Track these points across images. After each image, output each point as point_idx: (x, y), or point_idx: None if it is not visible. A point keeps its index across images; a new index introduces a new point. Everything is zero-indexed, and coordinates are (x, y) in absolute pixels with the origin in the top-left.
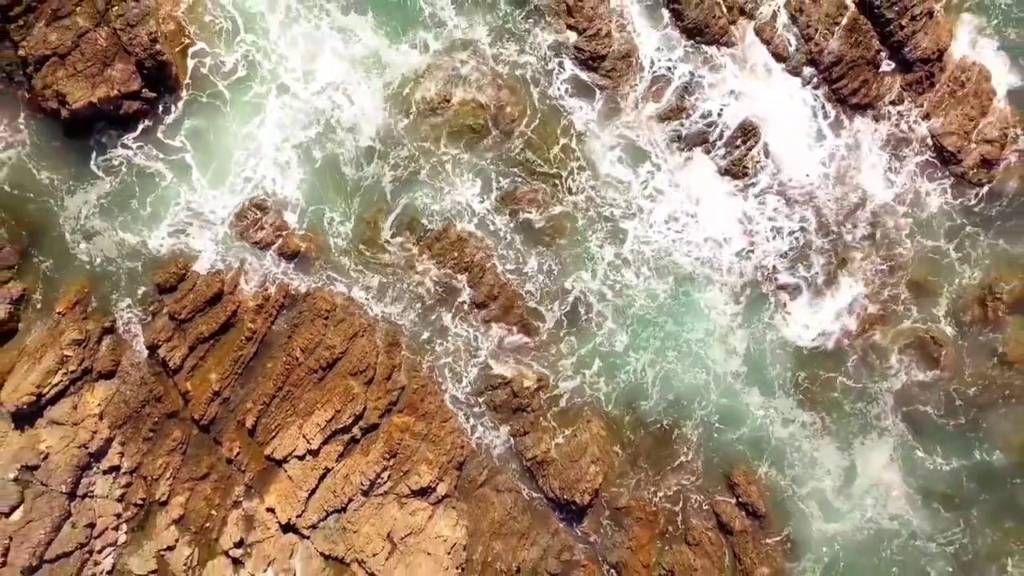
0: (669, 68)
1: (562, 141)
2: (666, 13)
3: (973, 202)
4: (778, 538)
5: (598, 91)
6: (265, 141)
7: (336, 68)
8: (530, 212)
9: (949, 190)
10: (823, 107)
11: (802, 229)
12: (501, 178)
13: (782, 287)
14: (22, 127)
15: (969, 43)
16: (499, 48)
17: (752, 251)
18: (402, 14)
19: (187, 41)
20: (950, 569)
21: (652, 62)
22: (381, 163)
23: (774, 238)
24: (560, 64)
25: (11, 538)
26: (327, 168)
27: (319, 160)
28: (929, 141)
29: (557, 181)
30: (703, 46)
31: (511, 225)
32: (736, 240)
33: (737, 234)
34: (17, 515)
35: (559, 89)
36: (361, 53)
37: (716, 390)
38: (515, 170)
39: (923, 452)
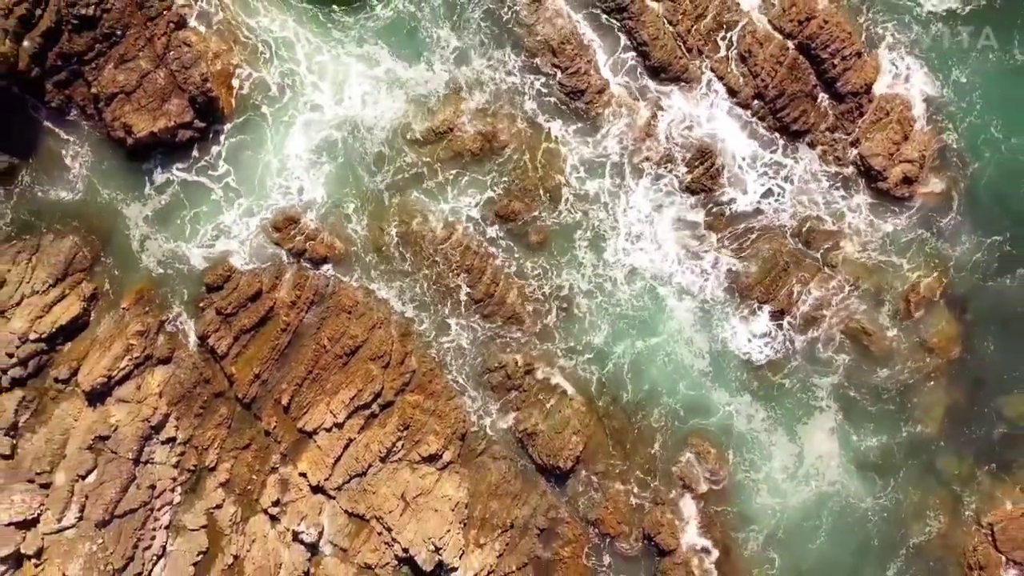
0: (637, 99)
1: (547, 161)
2: (634, 54)
3: (913, 215)
4: (728, 507)
5: (578, 119)
6: (298, 158)
7: (361, 85)
8: (523, 221)
9: (891, 205)
10: (770, 134)
11: (752, 243)
12: (497, 191)
13: (729, 297)
14: (92, 151)
15: (890, 62)
16: (494, 78)
17: (705, 264)
18: (411, 43)
19: (234, 64)
20: (884, 515)
21: (623, 95)
22: (389, 170)
23: (726, 252)
24: (545, 96)
25: (87, 496)
26: (348, 179)
27: (340, 173)
28: (859, 161)
29: (545, 196)
30: (666, 82)
31: (505, 232)
32: (693, 253)
33: (693, 248)
34: (92, 478)
35: (545, 117)
36: (382, 74)
37: (685, 384)
38: (509, 184)
39: (858, 429)
